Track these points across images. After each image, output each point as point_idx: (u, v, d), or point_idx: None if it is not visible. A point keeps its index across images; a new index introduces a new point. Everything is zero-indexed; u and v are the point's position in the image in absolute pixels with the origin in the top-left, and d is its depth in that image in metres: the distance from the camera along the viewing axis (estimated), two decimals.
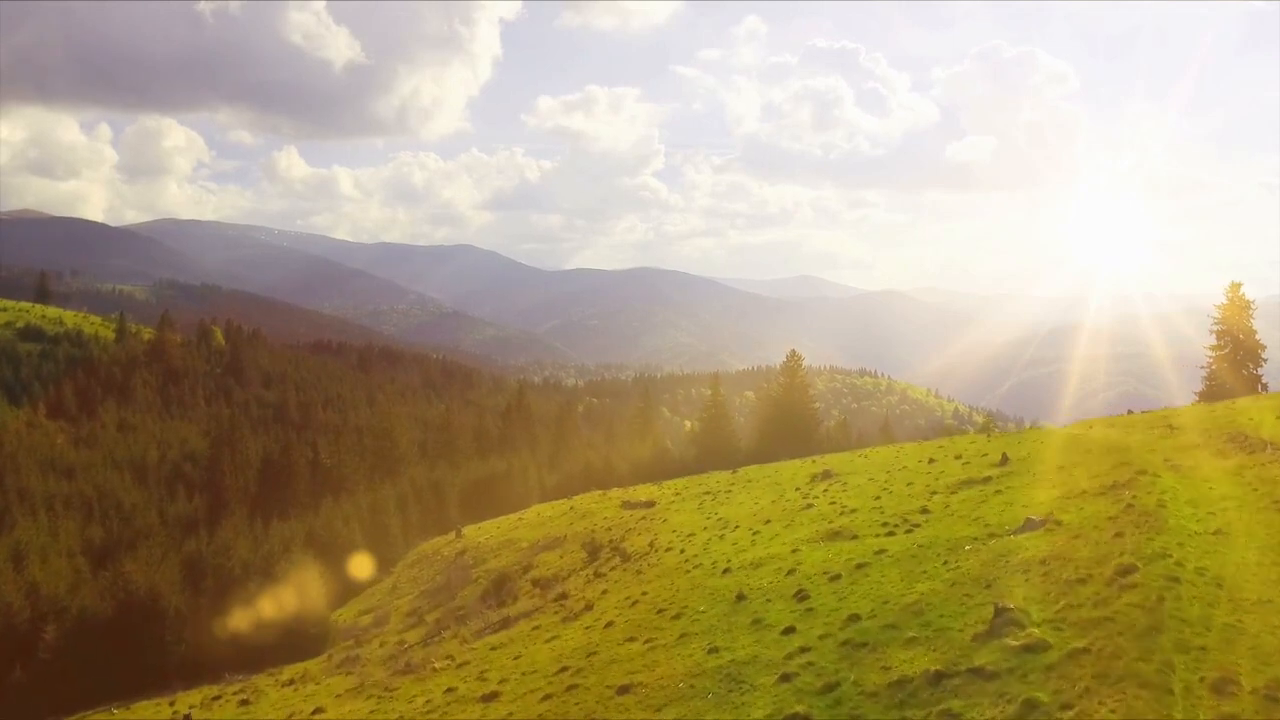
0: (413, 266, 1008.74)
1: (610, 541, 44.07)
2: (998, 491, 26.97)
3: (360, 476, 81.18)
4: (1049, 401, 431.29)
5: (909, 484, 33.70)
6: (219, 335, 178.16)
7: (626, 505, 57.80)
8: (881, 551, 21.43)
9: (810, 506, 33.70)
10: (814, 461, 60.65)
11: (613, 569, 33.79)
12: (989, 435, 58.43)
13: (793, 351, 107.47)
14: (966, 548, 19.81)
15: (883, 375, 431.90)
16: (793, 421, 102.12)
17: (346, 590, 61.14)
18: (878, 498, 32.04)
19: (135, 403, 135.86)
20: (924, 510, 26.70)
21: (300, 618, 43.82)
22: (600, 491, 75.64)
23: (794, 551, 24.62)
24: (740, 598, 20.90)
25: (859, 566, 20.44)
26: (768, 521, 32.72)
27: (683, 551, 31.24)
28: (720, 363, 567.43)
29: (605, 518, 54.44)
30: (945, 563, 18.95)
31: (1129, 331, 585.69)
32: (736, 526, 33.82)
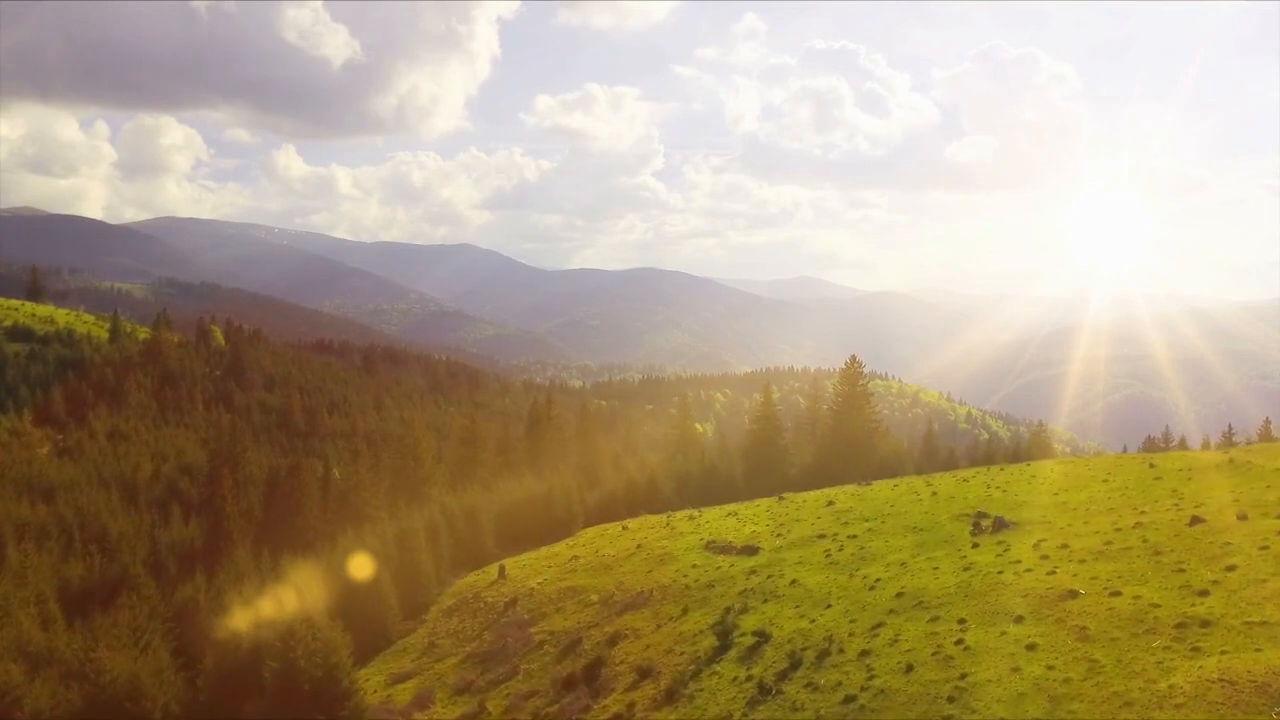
0: (412, 265, 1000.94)
1: (729, 609, 34.14)
2: None
3: (380, 500, 71.13)
4: (1050, 403, 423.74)
5: (1208, 557, 23.75)
6: (218, 335, 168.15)
7: (713, 548, 47.81)
8: None
9: (1075, 594, 23.61)
10: (932, 494, 50.70)
11: (780, 677, 23.85)
12: (1150, 463, 48.33)
13: (853, 357, 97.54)
14: None
15: (894, 378, 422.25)
16: (854, 436, 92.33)
17: (373, 643, 51.13)
18: (1204, 592, 21.97)
19: (129, 408, 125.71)
20: None
21: (324, 705, 33.89)
22: (659, 518, 65.75)
23: None
24: None
25: None
26: (1019, 619, 22.70)
27: (910, 669, 21.21)
28: (722, 363, 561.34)
29: (693, 565, 44.40)
30: None
31: (1129, 332, 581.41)
32: (963, 622, 23.66)
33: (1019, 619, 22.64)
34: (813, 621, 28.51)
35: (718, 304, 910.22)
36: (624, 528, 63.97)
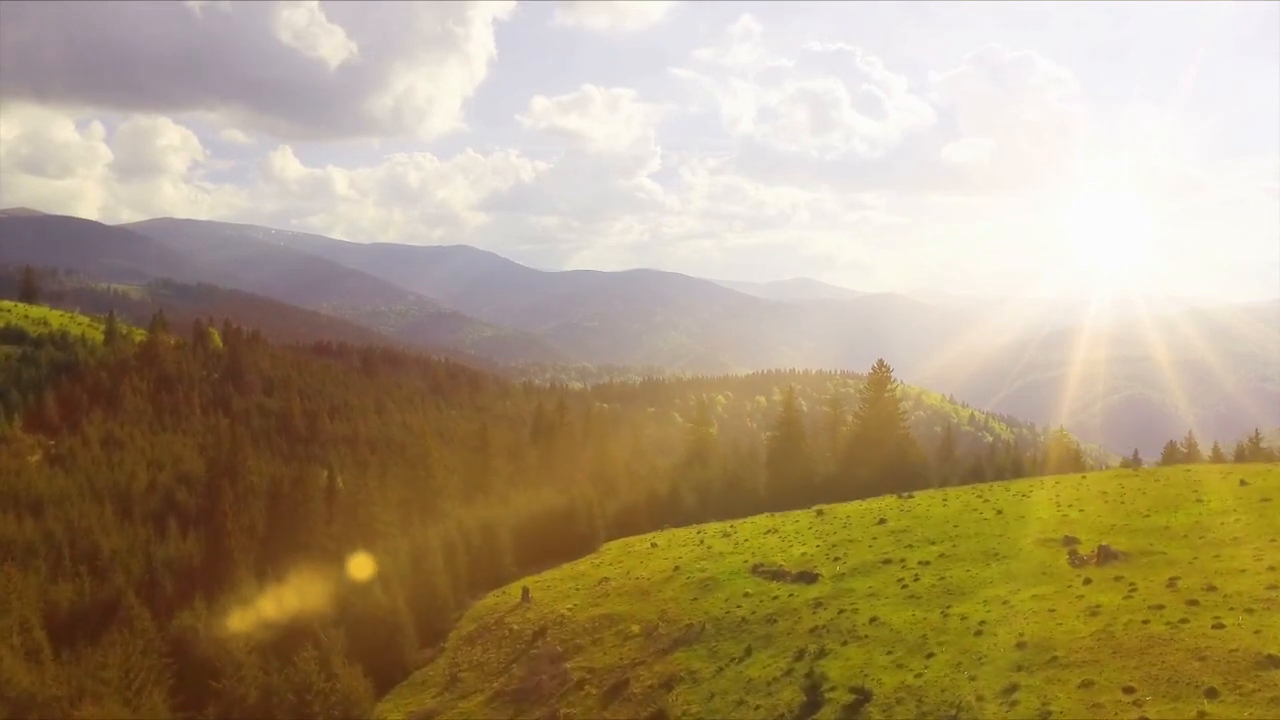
0: (409, 267, 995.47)
1: (802, 651, 30.11)
2: None
3: (390, 514, 66.90)
4: (1049, 405, 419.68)
5: None
6: (216, 337, 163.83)
7: (762, 573, 43.72)
8: None
9: (1278, 661, 19.62)
10: (996, 512, 46.71)
11: None
12: (1242, 479, 44.36)
13: (880, 361, 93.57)
14: None
15: (896, 380, 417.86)
16: (881, 443, 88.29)
17: (388, 673, 46.94)
18: None
19: (124, 412, 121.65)
20: None
21: None
22: (688, 532, 61.82)
23: None
24: None
25: None
26: (1211, 692, 18.70)
27: None
28: (720, 365, 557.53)
29: (745, 594, 40.33)
30: None
31: (1129, 333, 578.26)
32: (1131, 691, 19.68)
33: (1211, 692, 18.63)
34: (918, 675, 24.52)
35: (715, 305, 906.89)
36: (652, 544, 60.01)
